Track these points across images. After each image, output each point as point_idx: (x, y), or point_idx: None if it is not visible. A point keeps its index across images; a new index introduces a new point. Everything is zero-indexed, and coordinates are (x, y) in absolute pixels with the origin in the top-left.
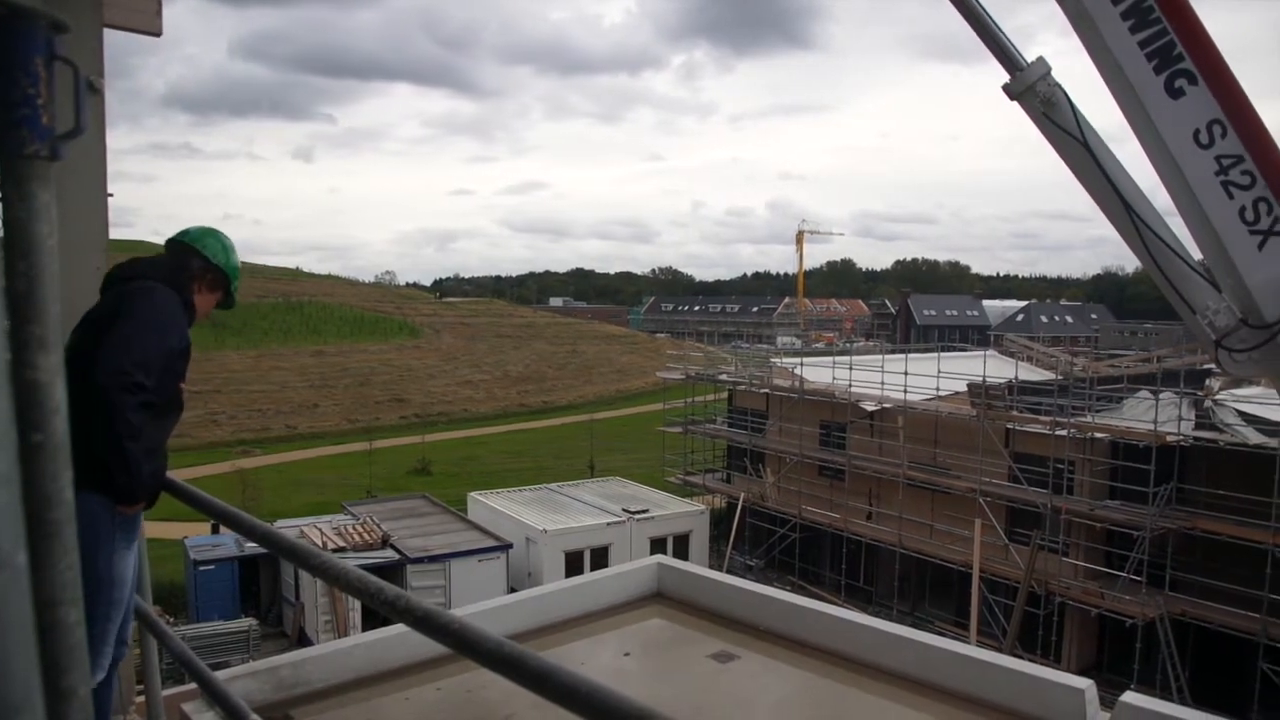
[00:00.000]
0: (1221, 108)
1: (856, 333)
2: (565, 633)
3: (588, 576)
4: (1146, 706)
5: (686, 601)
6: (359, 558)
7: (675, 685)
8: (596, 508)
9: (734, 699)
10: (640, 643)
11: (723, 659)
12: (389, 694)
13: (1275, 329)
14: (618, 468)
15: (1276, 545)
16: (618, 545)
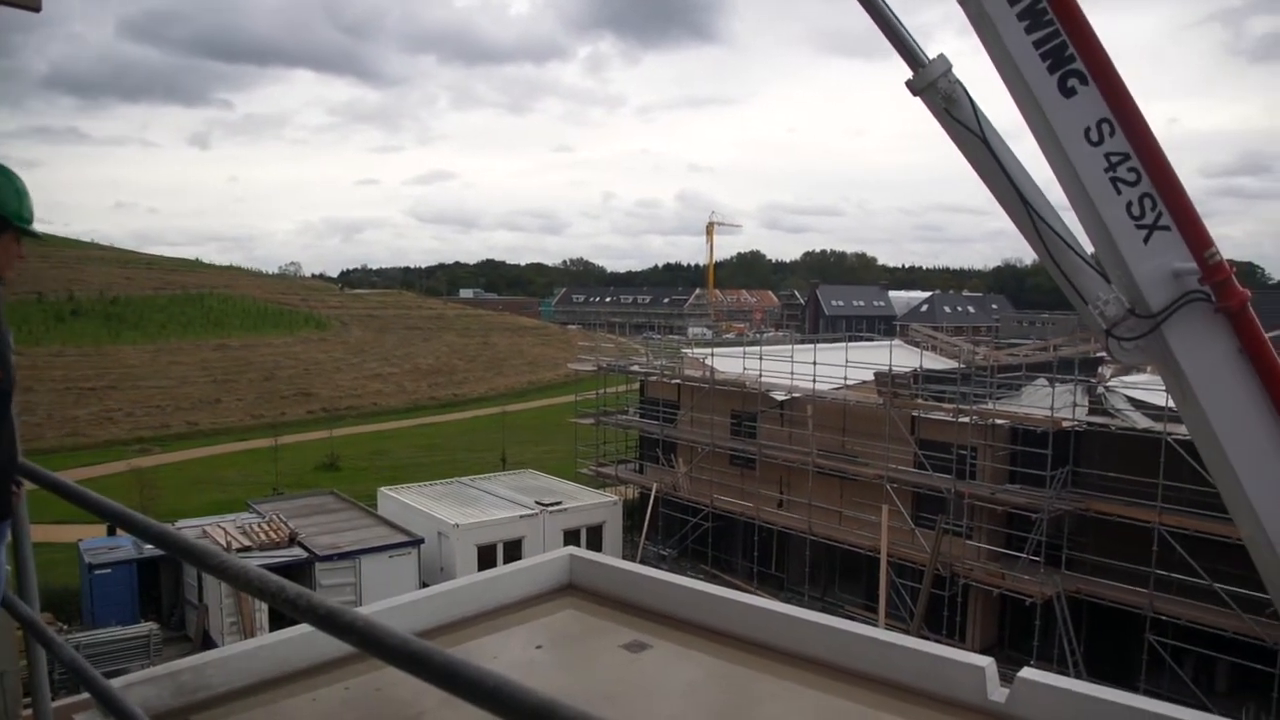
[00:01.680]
0: (1110, 107)
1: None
2: (477, 627)
3: (498, 570)
4: (1042, 680)
5: (598, 592)
6: (265, 557)
7: (586, 676)
8: (509, 501)
9: (645, 687)
10: (552, 635)
11: (635, 648)
12: (296, 695)
13: (1160, 318)
14: (530, 460)
15: (1162, 524)
16: (531, 538)
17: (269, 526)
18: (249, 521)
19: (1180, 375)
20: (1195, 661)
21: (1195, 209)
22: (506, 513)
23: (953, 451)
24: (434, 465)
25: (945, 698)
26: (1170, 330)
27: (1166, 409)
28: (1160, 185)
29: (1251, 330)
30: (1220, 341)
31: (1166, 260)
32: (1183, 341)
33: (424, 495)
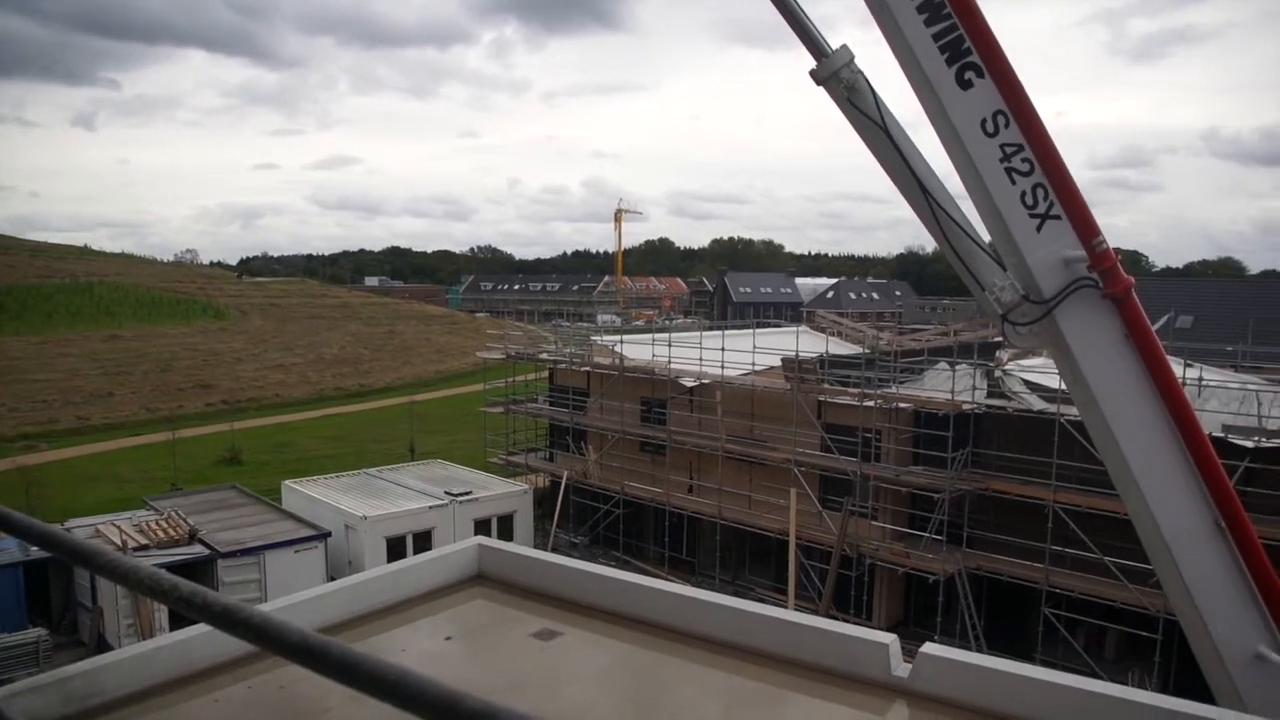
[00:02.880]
0: (1004, 100)
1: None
2: (386, 619)
3: (406, 561)
4: (943, 655)
5: (508, 582)
6: (164, 555)
7: (496, 665)
8: (418, 491)
9: (555, 675)
10: (462, 625)
11: (545, 636)
12: (196, 697)
13: (1051, 304)
14: (439, 450)
15: (1056, 501)
16: (441, 529)
17: (167, 524)
18: (146, 519)
19: (1070, 358)
20: (1087, 631)
21: (1083, 199)
22: (415, 504)
23: (858, 435)
24: (340, 457)
25: (851, 675)
26: (1061, 315)
27: (1060, 391)
28: (1051, 175)
29: (1135, 315)
30: (1107, 326)
31: (1058, 248)
32: (1073, 326)
33: (330, 488)
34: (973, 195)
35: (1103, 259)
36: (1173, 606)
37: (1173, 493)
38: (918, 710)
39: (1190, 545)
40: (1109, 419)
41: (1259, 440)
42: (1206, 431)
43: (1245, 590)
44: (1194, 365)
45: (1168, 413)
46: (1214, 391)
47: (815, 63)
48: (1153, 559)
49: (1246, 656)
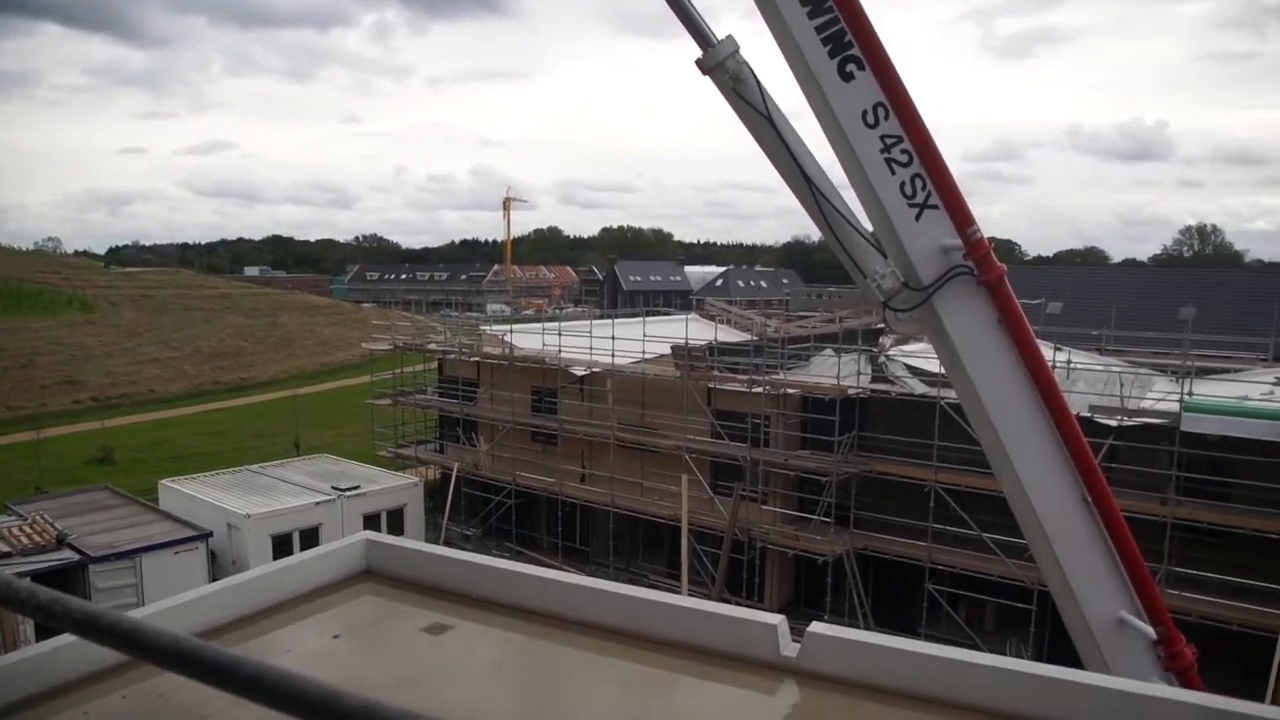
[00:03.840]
0: (884, 92)
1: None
2: (270, 619)
3: (290, 559)
4: (830, 633)
5: (397, 576)
6: (28, 563)
7: (385, 661)
8: (304, 487)
9: (446, 669)
10: (349, 622)
11: (435, 631)
12: (65, 710)
13: (930, 290)
14: (325, 444)
15: (937, 481)
16: (329, 525)
17: (32, 529)
18: (7, 524)
19: (948, 343)
20: (968, 605)
21: (959, 189)
22: (301, 500)
23: (747, 421)
24: (221, 454)
25: (740, 656)
26: (939, 301)
27: (940, 375)
28: (929, 167)
29: (1008, 301)
30: (982, 312)
31: (936, 236)
32: (950, 312)
33: (211, 486)
34: (855, 185)
35: (977, 247)
36: (1044, 578)
37: (1043, 470)
38: (806, 688)
39: (1060, 520)
40: (984, 401)
41: (1122, 419)
42: (1074, 412)
43: (1109, 560)
44: (1063, 349)
45: (1038, 394)
46: (1081, 374)
47: (701, 52)
48: (1026, 534)
49: (1110, 622)
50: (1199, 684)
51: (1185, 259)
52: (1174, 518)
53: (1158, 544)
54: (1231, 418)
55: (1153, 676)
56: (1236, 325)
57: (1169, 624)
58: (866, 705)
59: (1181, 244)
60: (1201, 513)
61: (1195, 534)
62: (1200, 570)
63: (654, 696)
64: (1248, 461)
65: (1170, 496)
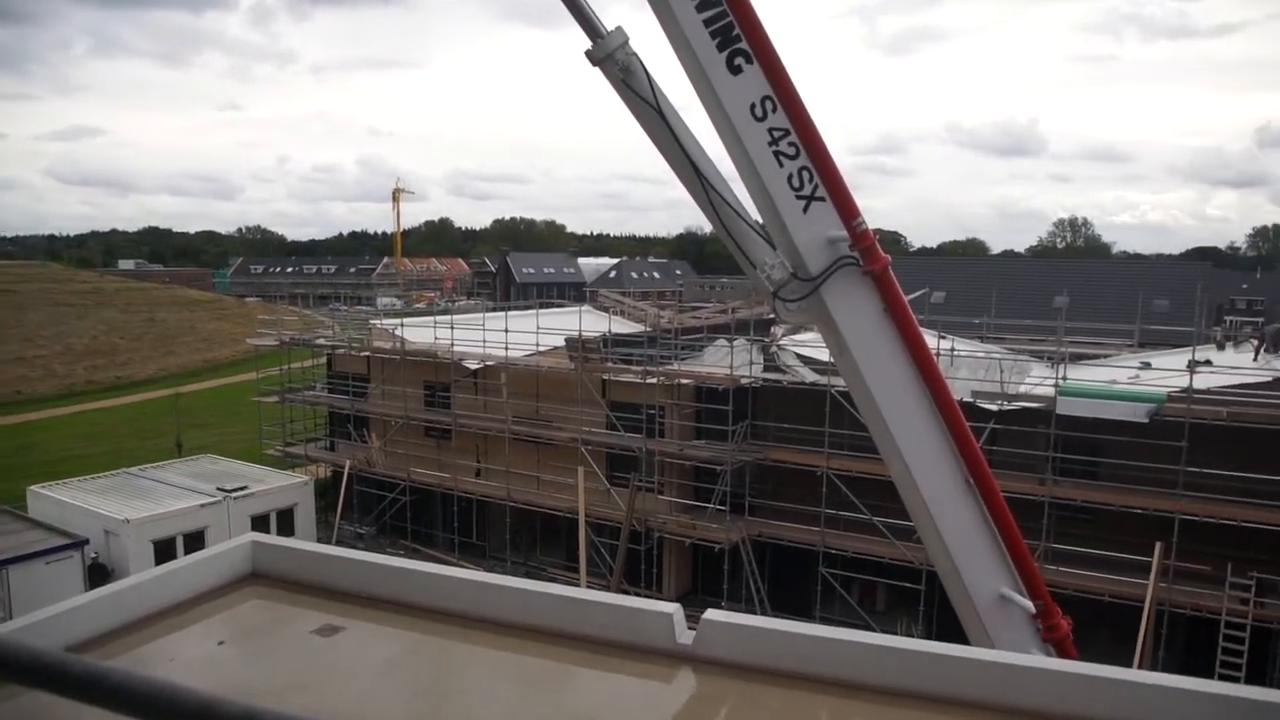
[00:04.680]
0: (771, 86)
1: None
2: (151, 629)
3: (170, 565)
4: (725, 620)
5: (286, 579)
6: None
7: (274, 666)
8: (188, 489)
9: (339, 670)
10: (235, 628)
11: (326, 632)
12: None
13: (818, 281)
14: (210, 444)
15: (829, 468)
16: (215, 528)
17: None
18: None
19: (836, 332)
20: (860, 587)
21: (844, 182)
22: (185, 503)
23: (642, 412)
24: (97, 457)
25: (638, 646)
26: (827, 292)
27: (830, 363)
28: (815, 159)
29: (892, 291)
30: (868, 301)
31: (822, 228)
32: (837, 302)
33: (86, 491)
34: (744, 177)
35: (863, 239)
36: (931, 558)
37: (928, 454)
38: (702, 674)
39: (944, 501)
40: (871, 388)
41: (1002, 404)
42: (957, 397)
43: (990, 539)
44: (946, 337)
45: (922, 381)
46: (964, 360)
47: (591, 44)
48: (913, 516)
49: (992, 598)
50: (1073, 653)
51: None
52: (1051, 497)
53: (1036, 522)
54: (1101, 401)
55: (1032, 648)
56: (1106, 313)
57: (1046, 598)
58: (761, 688)
59: (1055, 236)
60: (1076, 491)
61: (1070, 511)
62: (1075, 546)
63: (551, 689)
64: (1116, 441)
65: (1047, 477)
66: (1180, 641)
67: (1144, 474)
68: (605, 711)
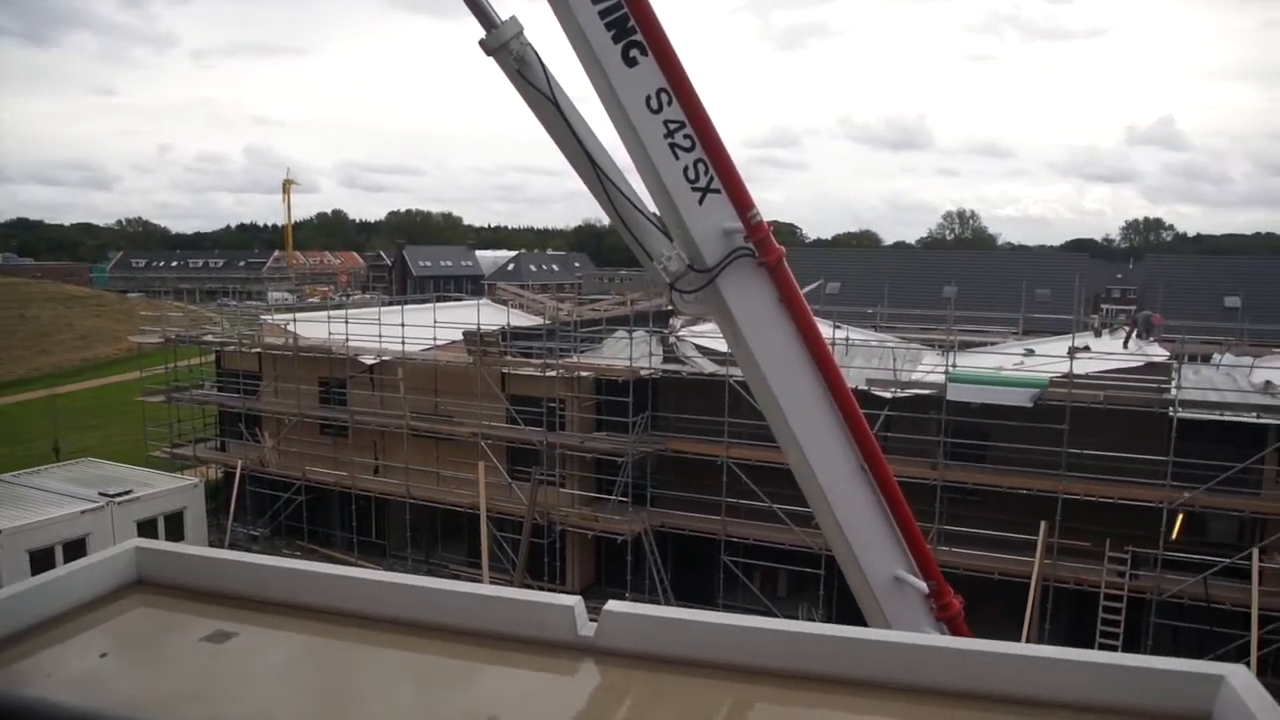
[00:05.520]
0: (666, 78)
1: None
2: (26, 644)
3: (45, 575)
4: (625, 611)
5: (174, 585)
6: None
7: (162, 677)
8: (67, 496)
9: (232, 678)
10: (120, 638)
11: (218, 639)
12: None
13: (714, 272)
14: (91, 447)
15: (729, 457)
16: (97, 534)
17: None
18: None
19: (732, 323)
20: (762, 574)
21: (739, 174)
22: (64, 509)
23: (543, 405)
24: None
25: (539, 640)
26: (723, 283)
27: (728, 354)
28: (710, 152)
29: (787, 282)
30: (764, 292)
31: (718, 220)
32: (733, 293)
33: None
34: (640, 169)
35: (757, 230)
36: (829, 543)
37: (823, 442)
38: (605, 666)
39: (840, 487)
40: (767, 377)
41: (895, 391)
42: (851, 385)
43: (885, 523)
44: (841, 326)
45: (817, 370)
46: (859, 349)
47: (485, 33)
48: (810, 502)
49: (888, 580)
50: (965, 630)
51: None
52: (943, 480)
53: (929, 505)
54: (989, 387)
55: (926, 627)
56: (992, 302)
57: (939, 578)
58: (665, 678)
59: (944, 228)
60: (966, 474)
61: (961, 494)
62: (966, 527)
63: (453, 687)
64: (1003, 426)
65: (939, 461)
66: (1064, 614)
67: (1029, 456)
68: (507, 707)
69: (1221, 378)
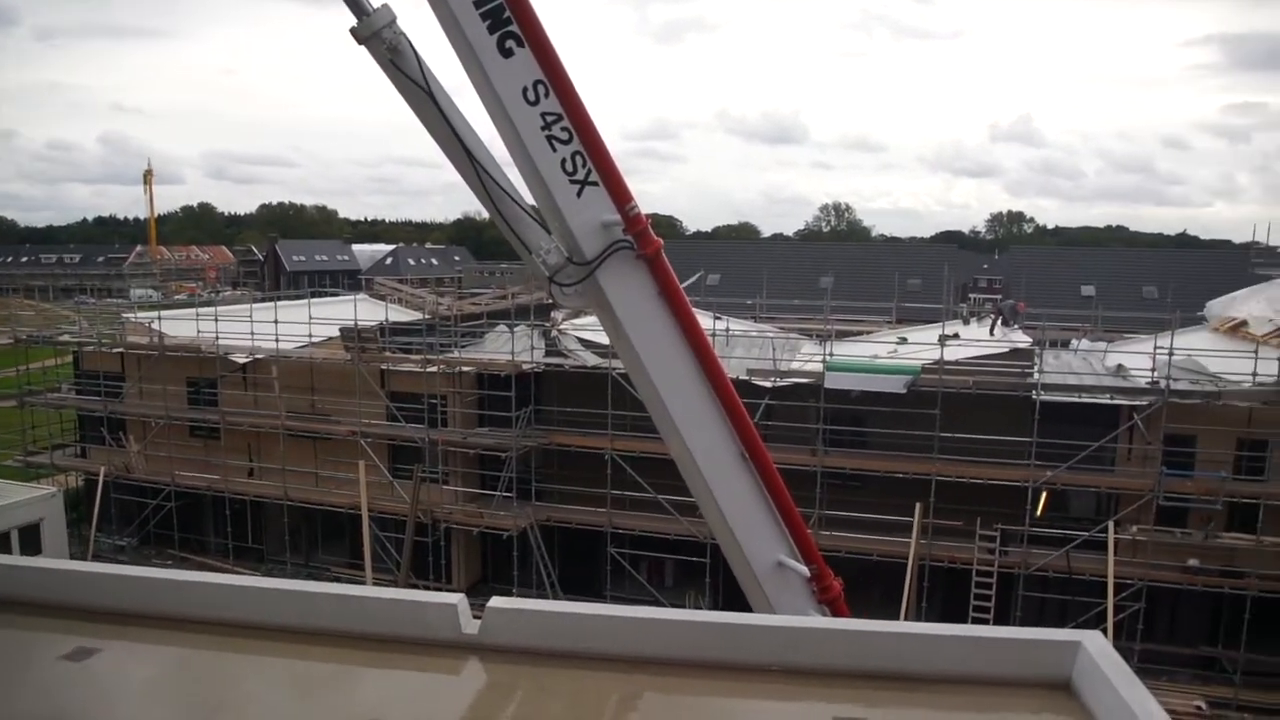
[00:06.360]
0: (543, 70)
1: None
2: None
3: None
4: (509, 607)
5: (29, 602)
6: None
7: (17, 700)
8: None
9: (93, 698)
10: None
11: (79, 657)
12: None
13: (593, 265)
14: None
15: (613, 449)
16: None
17: None
18: None
19: (612, 315)
20: (649, 564)
21: (617, 167)
22: None
23: (424, 401)
24: None
25: (422, 640)
26: (602, 276)
27: (611, 346)
28: (588, 144)
29: (665, 274)
30: (643, 284)
31: (596, 212)
32: (613, 285)
33: None
34: (517, 162)
35: (635, 223)
36: (713, 531)
37: (705, 432)
38: (490, 662)
39: (722, 476)
40: (648, 369)
41: (775, 380)
42: (732, 375)
43: (766, 510)
44: (721, 317)
45: (697, 361)
46: (739, 340)
47: (356, 20)
48: (693, 492)
49: (770, 566)
50: (845, 611)
51: (824, 234)
52: (822, 466)
53: (810, 491)
54: (865, 374)
55: (809, 610)
56: (867, 292)
57: (820, 562)
58: (551, 671)
59: (821, 220)
60: (845, 460)
61: (840, 479)
62: (846, 511)
63: (334, 692)
64: (879, 412)
65: (819, 447)
66: (940, 592)
67: (904, 441)
68: (391, 710)
69: (1079, 362)
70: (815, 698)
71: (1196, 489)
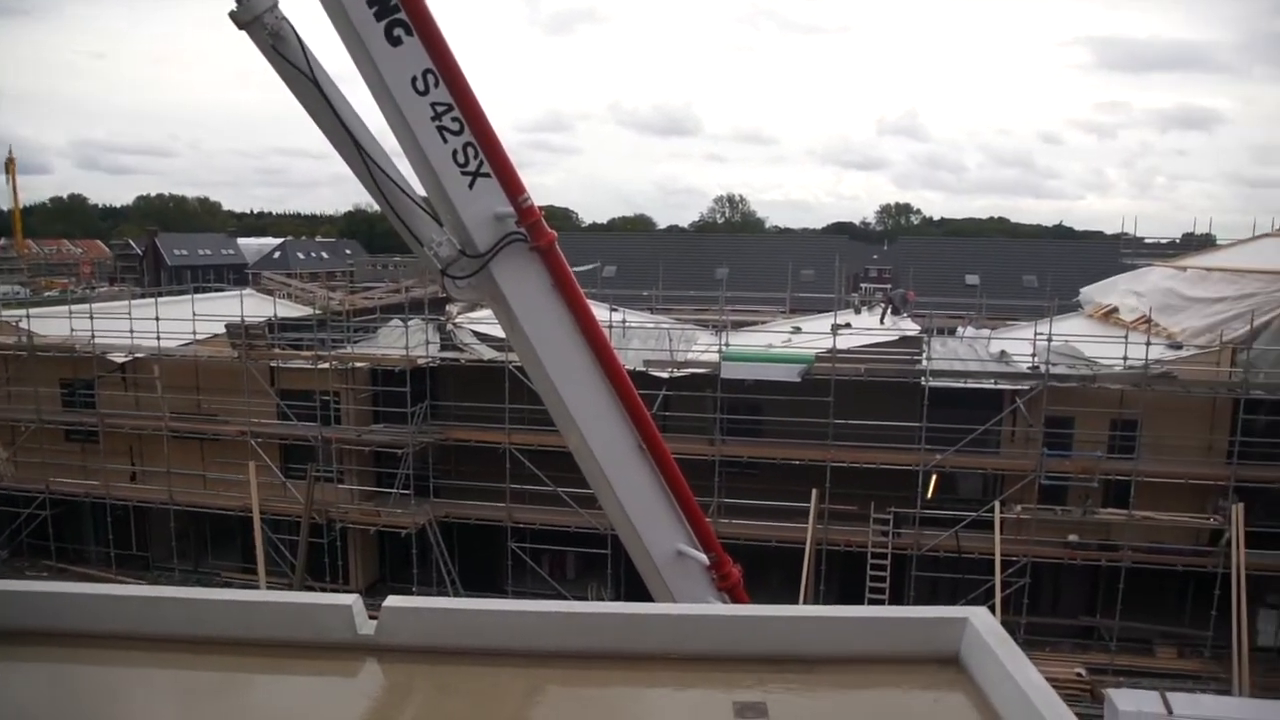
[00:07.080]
0: (432, 59)
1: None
2: None
3: None
4: (406, 605)
5: None
6: None
7: None
8: None
9: None
10: None
11: None
12: None
13: (486, 257)
14: None
15: (511, 444)
16: None
17: None
18: None
19: (507, 308)
20: (550, 558)
21: (509, 158)
22: None
23: (316, 399)
24: None
25: (316, 643)
26: (496, 268)
27: (507, 340)
28: (479, 135)
29: (559, 266)
30: (537, 276)
31: (489, 204)
32: (507, 278)
33: None
34: (407, 153)
35: (528, 214)
36: (612, 523)
37: (602, 424)
38: (388, 663)
39: (620, 468)
40: (543, 362)
41: (672, 371)
42: (629, 367)
43: (665, 500)
44: (618, 309)
45: (593, 353)
46: (635, 331)
47: (236, 4)
48: (592, 484)
49: (670, 555)
50: (744, 598)
51: (719, 225)
52: (720, 455)
53: (708, 480)
54: (760, 364)
55: (709, 598)
56: (761, 283)
57: (718, 550)
58: (451, 669)
59: (715, 212)
60: (742, 448)
61: (738, 467)
62: (744, 498)
63: (224, 702)
64: (774, 400)
65: (716, 437)
66: (837, 575)
67: (799, 428)
68: (286, 716)
69: (965, 349)
70: (716, 684)
71: (1075, 468)
